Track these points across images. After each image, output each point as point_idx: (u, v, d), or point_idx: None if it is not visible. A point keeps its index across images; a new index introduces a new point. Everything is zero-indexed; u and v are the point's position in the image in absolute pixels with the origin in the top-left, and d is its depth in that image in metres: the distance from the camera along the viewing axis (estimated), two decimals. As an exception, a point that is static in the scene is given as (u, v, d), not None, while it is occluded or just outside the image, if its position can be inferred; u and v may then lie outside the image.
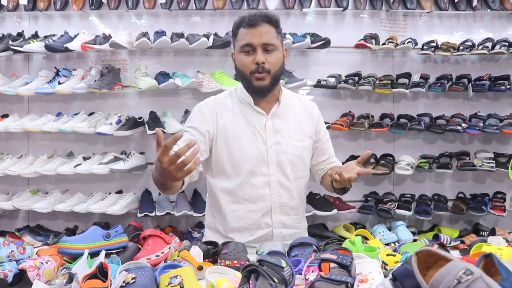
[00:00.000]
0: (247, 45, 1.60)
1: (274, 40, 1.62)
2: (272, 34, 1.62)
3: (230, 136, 1.69)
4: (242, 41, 1.61)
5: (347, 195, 3.08)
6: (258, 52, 1.59)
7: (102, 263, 1.14)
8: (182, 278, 1.12)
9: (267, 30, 1.61)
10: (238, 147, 1.68)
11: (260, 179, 1.68)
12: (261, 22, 1.59)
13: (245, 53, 1.62)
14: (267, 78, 1.61)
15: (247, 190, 1.68)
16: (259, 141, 1.69)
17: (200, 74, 2.95)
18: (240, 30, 1.63)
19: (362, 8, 3.04)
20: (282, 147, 1.70)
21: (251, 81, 1.63)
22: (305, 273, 1.16)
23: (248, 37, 1.60)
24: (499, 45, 2.92)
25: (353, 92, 3.12)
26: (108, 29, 3.10)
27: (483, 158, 2.97)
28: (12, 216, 3.14)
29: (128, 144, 3.10)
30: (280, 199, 1.71)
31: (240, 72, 1.66)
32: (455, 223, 3.20)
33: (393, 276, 0.98)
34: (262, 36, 1.59)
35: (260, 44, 1.59)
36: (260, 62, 1.58)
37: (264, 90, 1.64)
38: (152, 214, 2.84)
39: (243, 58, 1.62)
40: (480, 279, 0.79)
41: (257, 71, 1.60)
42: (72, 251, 1.39)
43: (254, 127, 1.70)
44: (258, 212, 1.70)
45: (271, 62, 1.60)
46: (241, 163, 1.67)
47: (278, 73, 1.65)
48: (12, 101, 3.09)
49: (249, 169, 1.67)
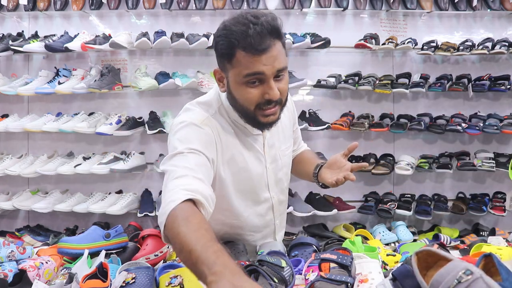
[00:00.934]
0: (255, 74, 1.20)
1: (285, 61, 1.25)
2: (282, 53, 1.24)
3: (237, 169, 1.40)
4: (247, 70, 1.20)
5: (347, 195, 3.12)
6: (270, 84, 1.21)
7: (102, 263, 1.15)
8: (182, 278, 1.12)
9: (278, 50, 1.21)
10: (246, 178, 1.43)
11: (264, 206, 1.52)
12: (270, 42, 1.18)
13: (250, 84, 1.22)
14: (278, 110, 1.29)
15: (254, 220, 1.50)
16: (263, 165, 1.47)
17: (200, 74, 2.95)
18: (239, 52, 1.19)
19: (362, 8, 3.04)
20: (278, 163, 1.51)
21: (256, 116, 1.28)
22: (305, 273, 1.16)
23: (256, 65, 1.19)
24: (499, 45, 2.92)
25: (353, 92, 3.12)
26: (108, 29, 3.10)
27: (483, 158, 2.97)
28: (12, 216, 3.14)
29: (128, 144, 3.10)
30: (281, 217, 1.61)
31: (240, 106, 1.28)
32: (455, 223, 3.20)
33: (393, 276, 0.99)
34: (274, 62, 1.20)
35: (272, 73, 1.21)
36: (276, 98, 1.23)
37: (273, 124, 1.33)
38: (152, 214, 2.85)
39: (248, 92, 1.23)
40: (480, 279, 0.79)
41: (267, 104, 1.25)
42: (72, 251, 1.39)
43: (257, 151, 1.44)
44: (263, 238, 1.57)
45: (282, 89, 1.25)
46: (249, 195, 1.46)
47: (287, 99, 1.33)
48: (12, 101, 3.09)
49: (255, 199, 1.49)
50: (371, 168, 2.96)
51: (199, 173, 1.17)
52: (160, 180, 3.14)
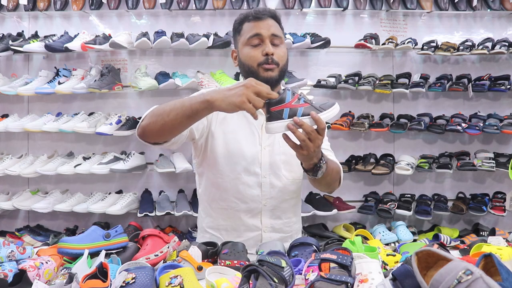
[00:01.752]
0: (255, 35, 1.55)
1: (280, 34, 1.60)
2: (278, 28, 1.60)
3: (229, 130, 1.63)
4: (249, 33, 1.56)
5: (347, 195, 3.12)
6: (266, 43, 1.54)
7: (102, 263, 1.14)
8: (182, 278, 1.12)
9: (273, 23, 1.59)
10: (236, 142, 1.62)
11: (252, 179, 1.63)
12: (267, 16, 1.58)
13: (252, 46, 1.56)
14: (276, 70, 1.55)
15: (239, 187, 1.62)
16: (255, 141, 1.64)
17: (200, 74, 2.95)
18: (245, 24, 1.59)
19: (362, 8, 3.05)
20: (275, 148, 1.64)
21: (258, 73, 1.55)
22: (305, 273, 1.16)
23: (255, 28, 1.56)
24: (499, 45, 2.92)
25: (353, 92, 3.12)
26: (108, 29, 3.10)
27: (483, 158, 2.97)
28: (12, 216, 3.14)
29: (128, 144, 3.10)
30: (272, 201, 1.65)
31: (246, 66, 1.58)
32: (455, 223, 3.20)
33: (393, 276, 0.98)
34: (270, 28, 1.56)
35: (268, 35, 1.55)
36: (270, 52, 1.52)
37: (272, 82, 1.54)
38: (152, 214, 2.85)
39: (250, 51, 1.56)
40: (480, 279, 0.79)
41: (266, 62, 1.54)
42: (72, 251, 1.39)
43: (253, 126, 1.64)
44: (247, 212, 1.64)
45: (279, 54, 1.56)
46: (237, 159, 1.62)
47: (285, 68, 1.60)
48: (12, 101, 3.09)
49: (244, 167, 1.62)
50: (371, 168, 2.97)
51: None
52: (160, 180, 3.14)
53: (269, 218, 1.66)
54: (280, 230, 1.69)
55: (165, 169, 2.84)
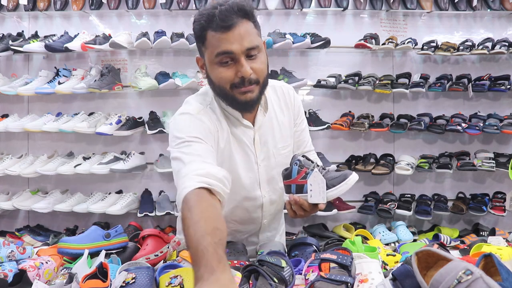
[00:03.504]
0: (224, 53, 1.23)
1: (256, 40, 1.26)
2: (252, 33, 1.26)
3: (226, 158, 1.40)
4: (216, 49, 1.24)
5: (347, 195, 3.12)
6: (241, 62, 1.24)
7: (102, 263, 1.14)
8: (183, 278, 1.12)
9: (246, 29, 1.24)
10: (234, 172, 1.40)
11: (252, 203, 1.49)
12: (237, 19, 1.22)
13: (223, 64, 1.25)
14: (256, 89, 1.29)
15: (239, 213, 1.50)
16: (252, 161, 1.44)
17: (200, 74, 2.95)
18: (209, 33, 1.24)
19: (362, 8, 3.04)
20: (271, 162, 1.47)
21: (234, 96, 1.29)
22: (305, 273, 1.16)
23: (223, 43, 1.22)
24: (499, 45, 2.92)
25: (353, 92, 3.12)
26: (108, 29, 3.10)
27: (483, 158, 2.97)
28: (12, 216, 3.14)
29: (128, 144, 3.10)
30: (271, 217, 1.57)
31: (218, 87, 1.30)
32: (455, 223, 3.20)
33: (393, 276, 0.99)
34: (242, 40, 1.22)
35: (242, 51, 1.23)
36: (247, 75, 1.24)
37: (253, 103, 1.33)
38: (152, 214, 2.85)
39: (221, 72, 1.26)
40: (480, 279, 0.79)
41: (242, 84, 1.26)
42: (72, 251, 1.39)
43: (245, 145, 1.42)
44: (245, 233, 1.57)
45: (258, 69, 1.27)
46: (236, 189, 1.40)
47: (266, 80, 1.34)
48: (12, 101, 3.09)
49: (243, 196, 1.46)
50: (371, 168, 2.97)
51: (208, 158, 1.22)
52: (160, 180, 3.14)
53: (267, 232, 1.61)
54: (273, 237, 1.65)
55: (165, 169, 2.84)
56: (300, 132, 1.56)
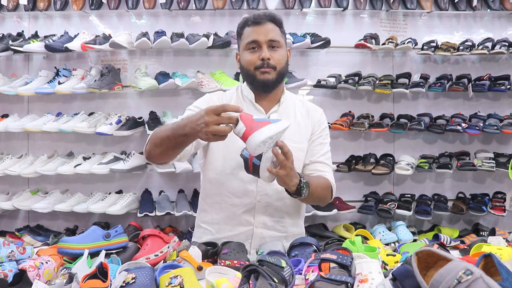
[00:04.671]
0: (252, 41, 1.61)
1: (279, 38, 1.63)
2: (277, 32, 1.64)
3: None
4: (247, 39, 1.62)
5: (347, 195, 3.12)
6: (263, 49, 1.60)
7: (102, 263, 1.14)
8: (183, 278, 1.12)
9: (272, 28, 1.63)
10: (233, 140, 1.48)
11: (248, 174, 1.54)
12: (266, 20, 1.62)
13: (250, 50, 1.62)
14: (273, 72, 1.61)
15: (234, 182, 1.64)
16: None
17: (200, 74, 2.95)
18: (245, 29, 1.65)
19: (362, 8, 3.04)
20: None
21: (255, 75, 1.62)
22: (305, 273, 1.16)
23: (253, 34, 1.61)
24: (499, 45, 2.92)
25: (353, 92, 3.12)
26: (108, 29, 3.10)
27: (483, 158, 2.97)
28: (12, 216, 3.14)
29: (128, 144, 3.10)
30: (266, 198, 1.65)
31: (245, 70, 1.65)
32: (455, 223, 3.20)
33: (393, 276, 0.98)
34: (267, 33, 1.60)
35: (265, 41, 1.60)
36: (266, 57, 1.59)
37: (269, 84, 1.63)
38: (152, 214, 2.85)
39: (248, 55, 1.62)
40: (480, 279, 0.79)
41: (262, 66, 1.60)
42: (72, 251, 1.39)
43: None
44: (241, 207, 1.65)
45: (276, 58, 1.61)
46: (233, 155, 1.56)
47: (283, 70, 1.65)
48: (12, 101, 3.09)
49: (239, 162, 1.53)
50: (371, 168, 2.97)
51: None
52: (160, 180, 3.14)
53: (262, 215, 1.66)
54: (272, 228, 1.68)
55: (165, 169, 2.84)
56: (318, 144, 1.73)
